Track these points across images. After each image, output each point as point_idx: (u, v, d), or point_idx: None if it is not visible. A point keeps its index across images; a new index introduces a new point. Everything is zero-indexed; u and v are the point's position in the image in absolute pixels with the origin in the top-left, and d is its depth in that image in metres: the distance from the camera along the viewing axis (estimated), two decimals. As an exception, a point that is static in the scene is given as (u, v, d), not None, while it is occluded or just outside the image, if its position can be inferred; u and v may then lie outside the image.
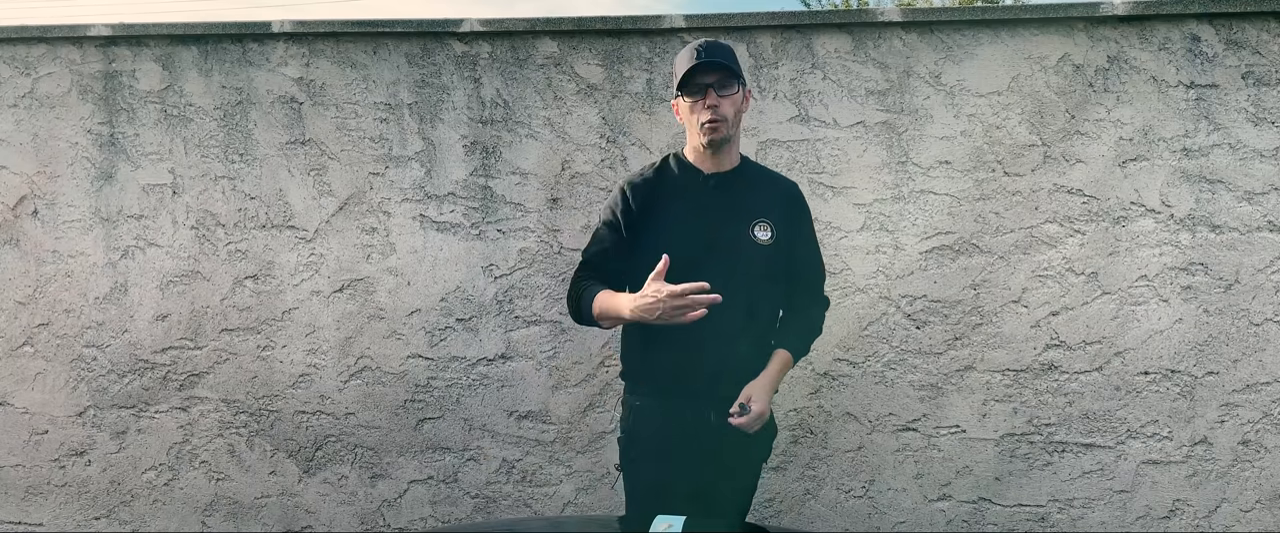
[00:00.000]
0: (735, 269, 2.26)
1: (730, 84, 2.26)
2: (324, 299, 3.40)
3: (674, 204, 2.33)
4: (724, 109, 2.25)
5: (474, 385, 3.33)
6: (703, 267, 2.19)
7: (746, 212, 2.33)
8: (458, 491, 3.37)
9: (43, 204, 3.53)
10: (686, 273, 2.15)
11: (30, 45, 3.50)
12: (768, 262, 2.32)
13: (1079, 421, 3.05)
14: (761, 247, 2.32)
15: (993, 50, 3.04)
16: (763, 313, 2.37)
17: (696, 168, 2.36)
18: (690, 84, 2.26)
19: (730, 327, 2.24)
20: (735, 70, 2.27)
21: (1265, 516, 2.98)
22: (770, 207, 2.35)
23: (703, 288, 2.07)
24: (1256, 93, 2.92)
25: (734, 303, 2.19)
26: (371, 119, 3.34)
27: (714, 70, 2.24)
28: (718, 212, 2.32)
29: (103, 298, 3.51)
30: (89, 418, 3.56)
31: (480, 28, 3.27)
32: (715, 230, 2.30)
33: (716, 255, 2.27)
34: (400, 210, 3.34)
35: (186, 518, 3.53)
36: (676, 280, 2.12)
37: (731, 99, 2.27)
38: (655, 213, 2.32)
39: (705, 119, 2.25)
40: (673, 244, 2.22)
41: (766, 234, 2.32)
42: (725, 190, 2.34)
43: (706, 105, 2.24)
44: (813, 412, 3.17)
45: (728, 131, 2.28)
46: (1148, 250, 2.99)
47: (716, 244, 2.28)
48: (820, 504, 3.19)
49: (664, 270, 2.11)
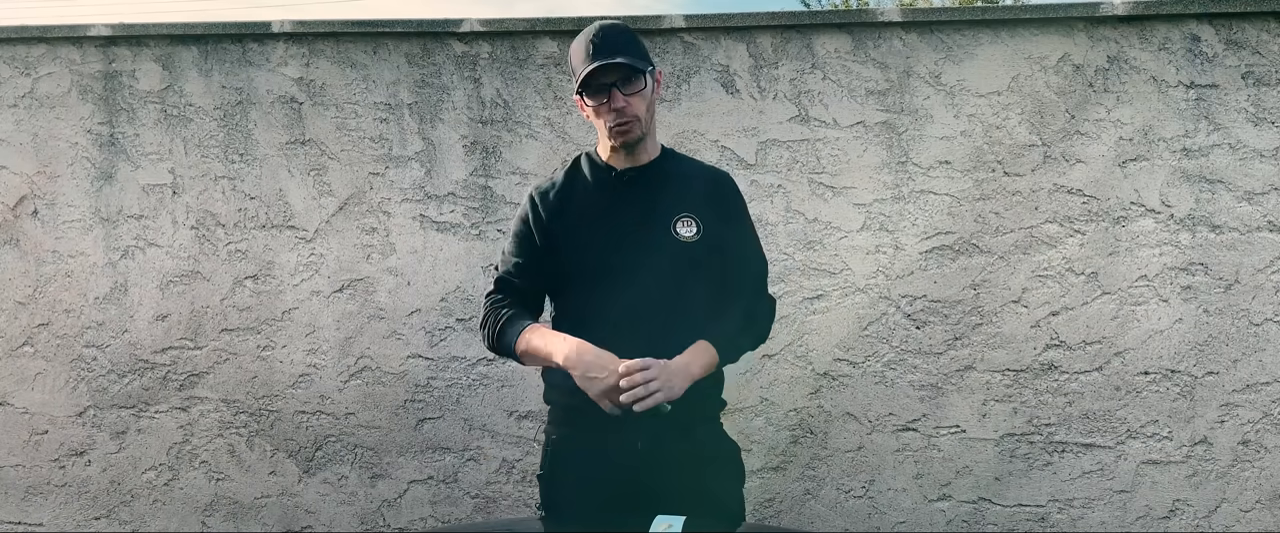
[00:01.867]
0: (658, 272, 2.02)
1: (635, 79, 1.99)
2: (324, 299, 3.40)
3: (585, 207, 2.08)
4: (633, 107, 2.00)
5: (474, 385, 3.33)
6: (620, 272, 2.01)
7: (666, 207, 2.06)
8: (458, 491, 3.37)
9: (43, 204, 3.53)
10: (602, 280, 1.99)
11: (30, 45, 3.50)
12: (695, 260, 2.05)
13: (1079, 420, 3.05)
14: (686, 244, 2.04)
15: (993, 50, 3.04)
16: (692, 316, 2.05)
17: (608, 165, 2.10)
18: (591, 85, 1.99)
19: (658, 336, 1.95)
20: (638, 63, 1.99)
21: (1265, 516, 2.98)
22: (694, 201, 2.08)
23: (642, 380, 1.82)
24: (1256, 93, 2.92)
25: (658, 309, 2.00)
26: (371, 119, 3.34)
27: (615, 70, 1.97)
28: (633, 210, 2.06)
29: (103, 298, 3.51)
30: (89, 418, 3.56)
31: (480, 28, 3.27)
32: (631, 230, 2.05)
33: (634, 258, 2.03)
34: (400, 210, 3.34)
35: (186, 518, 3.53)
36: (593, 290, 1.97)
37: (640, 95, 2.00)
38: (566, 219, 2.08)
39: (612, 123, 2.00)
40: (584, 250, 2.04)
41: (691, 230, 2.04)
42: (641, 186, 2.08)
43: (613, 107, 1.99)
44: (813, 412, 3.17)
45: (641, 130, 2.03)
46: (1148, 250, 2.99)
47: (633, 245, 2.04)
48: (820, 504, 3.19)
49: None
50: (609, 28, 2.03)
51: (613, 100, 1.98)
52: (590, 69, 1.96)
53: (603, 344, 1.92)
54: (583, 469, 2.07)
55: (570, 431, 2.11)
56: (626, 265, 2.02)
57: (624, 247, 2.04)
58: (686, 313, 2.05)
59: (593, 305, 2.00)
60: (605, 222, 2.06)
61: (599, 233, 2.06)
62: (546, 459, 2.16)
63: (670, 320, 2.01)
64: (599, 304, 2.01)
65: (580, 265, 2.03)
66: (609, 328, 1.97)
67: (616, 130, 2.02)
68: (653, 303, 2.00)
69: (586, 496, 2.04)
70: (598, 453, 2.04)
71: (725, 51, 3.16)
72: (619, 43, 2.00)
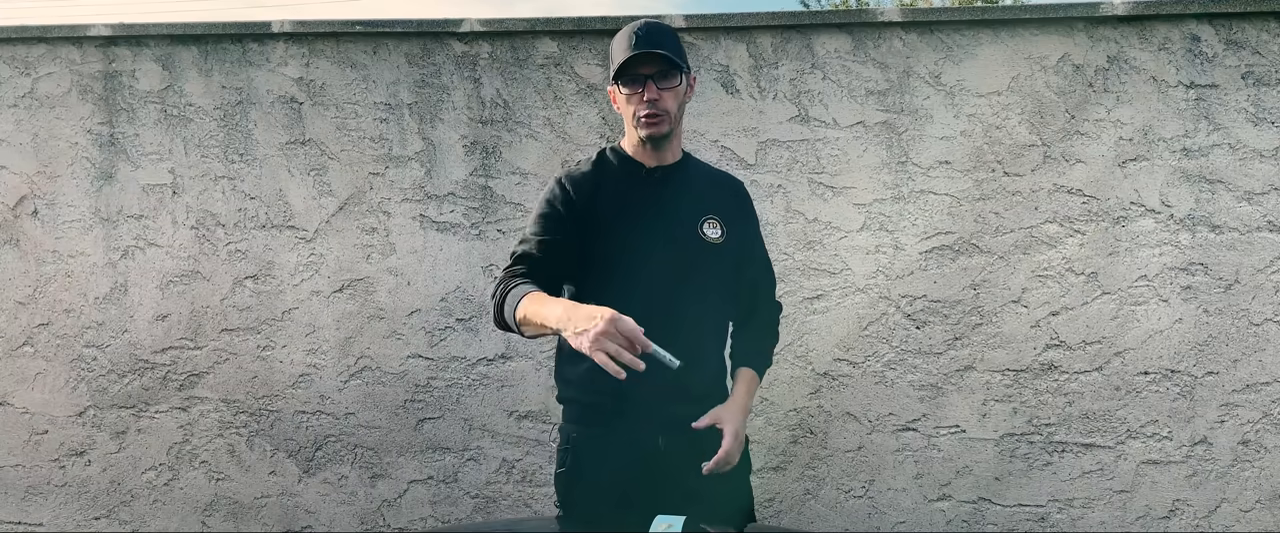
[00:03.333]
0: (680, 269, 2.05)
1: (672, 75, 2.02)
2: (324, 299, 3.40)
3: (616, 200, 2.07)
4: (665, 102, 2.02)
5: (474, 385, 3.33)
6: (643, 267, 2.03)
7: (694, 208, 2.11)
8: (458, 491, 3.37)
9: (43, 204, 3.53)
10: (626, 274, 2.00)
11: (30, 45, 3.50)
12: (718, 262, 2.10)
13: (1079, 421, 3.05)
14: (711, 245, 2.09)
15: (993, 50, 3.04)
16: (714, 318, 2.15)
17: (637, 161, 2.12)
18: (628, 74, 2.02)
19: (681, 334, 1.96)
20: (678, 60, 2.03)
21: (1265, 516, 2.98)
22: (719, 203, 2.14)
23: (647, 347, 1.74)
24: (1256, 93, 2.92)
25: (685, 307, 2.03)
26: (371, 119, 3.34)
27: (654, 61, 2.00)
28: (663, 207, 2.09)
29: (103, 298, 3.51)
30: (89, 418, 3.56)
31: (480, 28, 3.27)
32: (659, 227, 2.07)
33: (659, 254, 2.05)
34: (400, 210, 3.34)
35: (186, 518, 3.53)
36: (620, 285, 1.96)
37: (674, 91, 2.03)
38: (596, 209, 2.06)
39: (643, 113, 2.02)
40: (612, 241, 2.03)
41: (716, 232, 2.10)
42: (670, 185, 2.11)
43: (645, 98, 2.01)
44: (813, 412, 3.17)
45: (669, 126, 2.05)
46: (1148, 250, 2.99)
47: (660, 242, 2.06)
48: (820, 504, 3.19)
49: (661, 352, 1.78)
50: (654, 24, 2.06)
51: (647, 91, 2.00)
52: (630, 56, 1.98)
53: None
54: (605, 466, 2.07)
55: (590, 428, 2.11)
56: (651, 261, 2.04)
57: (651, 242, 2.06)
58: (702, 312, 2.10)
59: (612, 297, 1.97)
60: (635, 216, 2.07)
61: (628, 226, 2.06)
62: (567, 457, 2.14)
63: (690, 321, 2.05)
64: (618, 297, 1.98)
65: (605, 256, 2.03)
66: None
67: (646, 121, 2.03)
68: (671, 300, 2.02)
69: (609, 492, 2.05)
70: (619, 449, 2.05)
71: (725, 51, 3.16)
72: (662, 38, 2.03)
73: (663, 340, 1.78)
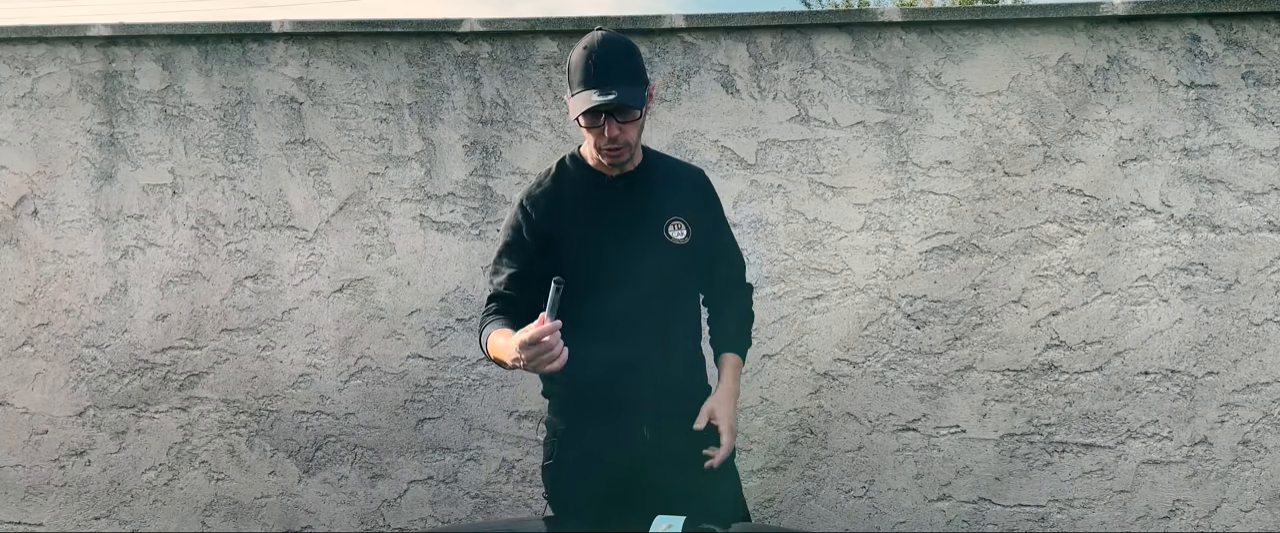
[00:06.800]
0: (654, 276, 2.09)
1: (630, 112, 1.99)
2: (324, 299, 3.40)
3: (577, 211, 2.10)
4: (627, 135, 2.01)
5: (474, 385, 3.33)
6: (617, 277, 2.06)
7: (657, 212, 2.13)
8: (458, 491, 3.37)
9: (43, 204, 3.53)
10: (597, 285, 2.02)
11: (30, 45, 3.50)
12: (684, 261, 2.14)
13: (1079, 420, 3.05)
14: (677, 247, 2.12)
15: (993, 50, 3.04)
16: (687, 314, 2.22)
17: (598, 172, 2.12)
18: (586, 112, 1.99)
19: (656, 336, 2.10)
20: (634, 100, 1.97)
21: (1265, 516, 2.98)
22: (682, 203, 2.17)
23: (553, 328, 1.76)
24: (1256, 93, 2.92)
25: (653, 311, 2.08)
26: (371, 119, 3.34)
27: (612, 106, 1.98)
28: (627, 215, 2.11)
29: (103, 298, 3.51)
30: (89, 418, 3.56)
31: (480, 28, 3.27)
32: (624, 235, 2.09)
33: (628, 262, 2.08)
34: (400, 210, 3.34)
35: (186, 518, 3.53)
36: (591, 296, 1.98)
37: (635, 123, 2.02)
38: (560, 222, 2.09)
39: (605, 147, 2.03)
40: (578, 254, 2.06)
41: (681, 233, 2.13)
42: (633, 192, 2.13)
43: (607, 135, 2.00)
44: (813, 412, 3.17)
45: (630, 153, 2.07)
46: (1148, 250, 2.99)
47: (627, 250, 2.09)
48: (820, 504, 3.19)
49: (555, 303, 1.81)
50: (607, 47, 1.98)
51: (608, 127, 1.99)
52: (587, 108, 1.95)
53: (598, 347, 1.98)
54: (590, 459, 2.12)
55: (574, 420, 2.16)
56: (621, 270, 2.07)
57: (618, 251, 2.08)
58: (679, 314, 2.19)
59: (587, 310, 2.00)
60: (598, 226, 2.09)
61: (592, 238, 2.09)
62: (552, 449, 2.18)
63: (664, 322, 2.13)
64: (594, 309, 2.03)
65: (575, 270, 2.02)
66: (604, 332, 2.03)
67: (608, 153, 2.03)
68: (647, 306, 2.08)
69: (594, 485, 2.10)
70: (604, 441, 2.10)
71: (725, 51, 3.16)
72: (617, 65, 1.97)
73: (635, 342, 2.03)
